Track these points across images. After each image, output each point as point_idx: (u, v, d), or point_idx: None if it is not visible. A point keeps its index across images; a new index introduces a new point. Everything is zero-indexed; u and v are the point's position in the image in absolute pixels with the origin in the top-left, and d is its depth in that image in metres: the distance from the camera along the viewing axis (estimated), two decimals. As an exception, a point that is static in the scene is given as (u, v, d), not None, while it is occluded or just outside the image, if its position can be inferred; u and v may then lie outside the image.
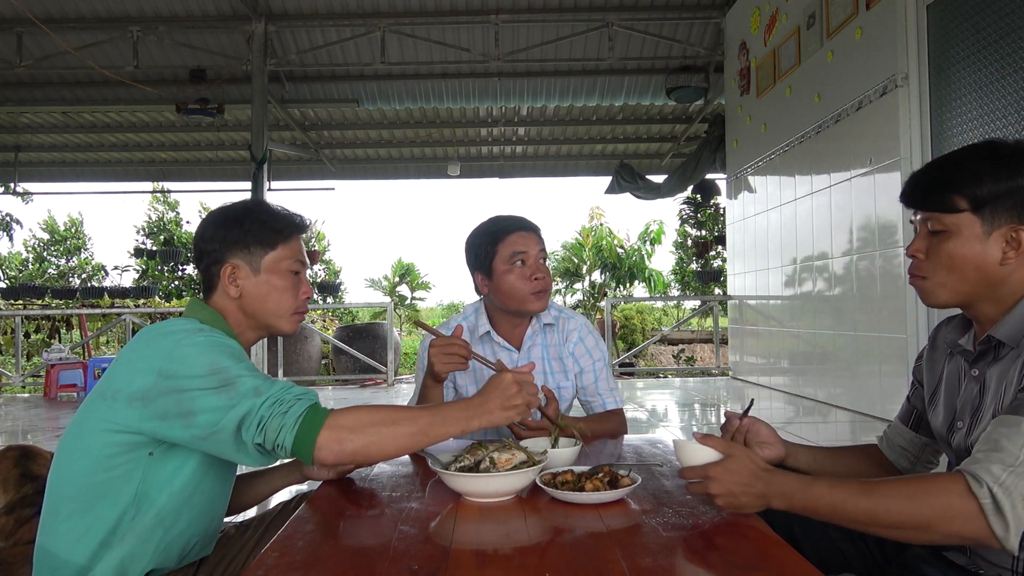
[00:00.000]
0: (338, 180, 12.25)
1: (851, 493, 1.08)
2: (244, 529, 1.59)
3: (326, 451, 1.17)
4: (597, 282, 13.58)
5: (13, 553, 1.47)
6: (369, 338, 9.42)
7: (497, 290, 1.94)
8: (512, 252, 1.90)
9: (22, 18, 7.49)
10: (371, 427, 1.20)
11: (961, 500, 1.01)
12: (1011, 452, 1.01)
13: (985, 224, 1.16)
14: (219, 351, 1.25)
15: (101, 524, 1.26)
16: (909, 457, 1.48)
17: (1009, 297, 1.18)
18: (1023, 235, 1.15)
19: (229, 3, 7.88)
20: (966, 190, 1.16)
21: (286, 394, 1.20)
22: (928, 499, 1.03)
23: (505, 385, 1.32)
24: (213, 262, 1.43)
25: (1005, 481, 1.00)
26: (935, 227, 1.20)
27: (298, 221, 1.49)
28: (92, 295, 11.47)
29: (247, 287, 1.42)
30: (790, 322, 6.35)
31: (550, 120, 10.61)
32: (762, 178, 6.94)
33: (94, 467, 1.26)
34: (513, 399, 1.31)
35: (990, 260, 1.16)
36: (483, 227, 1.99)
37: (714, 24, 8.15)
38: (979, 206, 1.16)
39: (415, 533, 1.14)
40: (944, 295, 1.22)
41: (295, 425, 1.17)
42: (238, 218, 1.44)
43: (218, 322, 1.40)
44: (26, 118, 9.98)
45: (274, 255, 1.44)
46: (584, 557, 1.02)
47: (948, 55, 4.21)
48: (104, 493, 1.26)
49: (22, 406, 7.30)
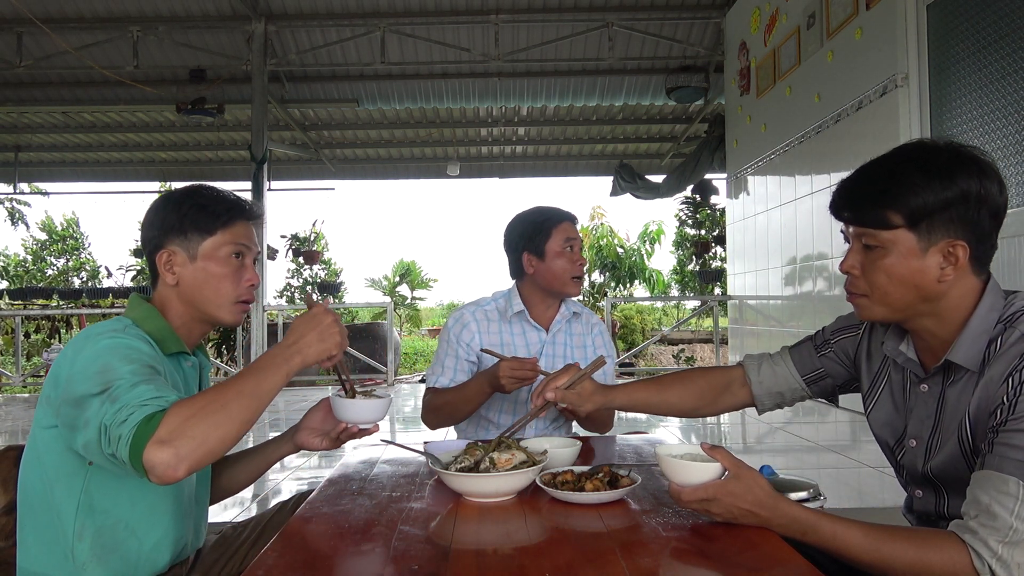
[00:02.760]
0: (338, 180, 12.27)
1: (858, 540, 1.08)
2: (241, 529, 1.59)
3: (161, 469, 1.01)
4: (597, 282, 13.57)
5: (12, 553, 1.47)
6: (369, 338, 9.42)
7: (546, 270, 2.11)
8: (566, 238, 2.12)
9: (22, 18, 7.49)
10: (199, 421, 1.05)
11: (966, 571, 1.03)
12: (1004, 520, 1.02)
13: (921, 240, 1.11)
14: (115, 354, 1.16)
15: (59, 536, 1.23)
16: (778, 402, 1.49)
17: (950, 313, 1.15)
18: (960, 250, 1.11)
19: (229, 3, 7.88)
20: (901, 205, 1.11)
21: (134, 399, 1.07)
22: (933, 563, 1.04)
23: (318, 319, 1.24)
24: (152, 248, 1.37)
25: (1002, 555, 1.01)
26: (869, 243, 1.15)
27: (241, 205, 1.41)
28: (96, 295, 11.48)
29: (184, 275, 1.36)
30: (790, 322, 6.35)
31: (550, 120, 10.61)
32: (762, 178, 6.94)
33: (42, 475, 1.23)
34: (328, 330, 1.23)
35: (928, 277, 1.12)
36: (535, 213, 2.18)
37: (714, 24, 8.15)
38: (915, 222, 1.11)
39: (415, 533, 1.13)
40: (881, 312, 1.19)
41: (129, 439, 1.03)
42: (176, 202, 1.38)
43: (152, 319, 1.33)
44: (26, 118, 9.98)
45: (212, 241, 1.36)
46: (584, 557, 1.02)
47: (948, 55, 4.21)
48: (52, 504, 1.23)
49: (22, 406, 7.31)
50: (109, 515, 1.25)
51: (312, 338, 1.22)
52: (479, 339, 2.10)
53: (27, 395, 8.60)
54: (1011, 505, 1.01)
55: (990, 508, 1.03)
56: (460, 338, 2.11)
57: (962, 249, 1.11)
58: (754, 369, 1.50)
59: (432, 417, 2.11)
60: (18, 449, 1.54)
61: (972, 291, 1.15)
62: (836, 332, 1.43)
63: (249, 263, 1.42)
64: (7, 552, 1.36)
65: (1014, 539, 1.01)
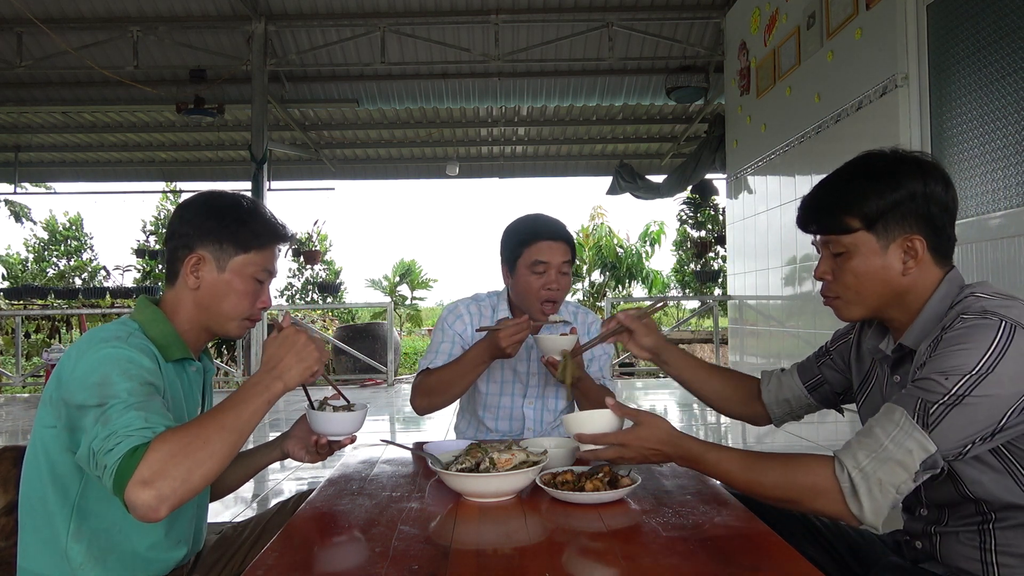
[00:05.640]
0: (338, 180, 12.25)
1: (736, 465, 1.20)
2: (241, 529, 1.59)
3: (142, 511, 1.01)
4: (597, 282, 13.58)
5: (13, 553, 1.47)
6: (369, 338, 9.41)
7: (515, 287, 2.06)
8: (535, 260, 1.98)
9: (22, 18, 7.48)
10: (181, 460, 1.04)
11: (826, 482, 1.11)
12: (878, 439, 1.10)
13: (880, 239, 1.21)
14: (115, 366, 1.16)
15: (55, 536, 1.23)
16: (787, 410, 1.57)
17: (915, 302, 1.23)
18: (917, 243, 1.20)
19: (229, 3, 7.88)
20: (855, 210, 1.21)
21: (123, 427, 1.06)
22: (798, 478, 1.14)
23: (291, 340, 1.22)
24: (181, 246, 1.36)
25: (865, 467, 1.09)
26: (836, 249, 1.25)
27: (281, 231, 1.42)
28: (95, 296, 11.48)
29: (207, 282, 1.35)
30: (789, 322, 6.35)
31: (550, 120, 10.60)
32: (762, 178, 6.94)
33: (41, 475, 1.24)
34: (304, 349, 1.21)
35: (892, 272, 1.21)
36: (519, 225, 2.08)
37: (714, 24, 8.15)
38: (871, 223, 1.20)
39: (415, 533, 1.13)
40: (857, 311, 1.27)
41: (113, 472, 1.03)
42: (220, 211, 1.37)
43: (158, 323, 1.33)
44: (26, 118, 9.97)
45: (245, 258, 1.37)
46: (584, 557, 1.02)
47: (948, 55, 4.21)
48: (48, 504, 1.23)
49: (22, 406, 7.31)
50: (103, 518, 1.25)
51: (290, 361, 1.21)
52: (471, 332, 2.09)
53: (27, 395, 8.60)
54: (890, 429, 1.10)
55: (872, 430, 1.12)
56: (453, 327, 2.11)
57: (919, 242, 1.20)
58: (766, 379, 1.61)
59: (423, 398, 2.01)
60: (17, 449, 1.54)
61: (933, 282, 1.23)
62: (835, 340, 1.53)
63: (267, 286, 1.43)
64: (7, 552, 1.36)
65: (882, 456, 1.08)
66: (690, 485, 1.39)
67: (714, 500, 1.29)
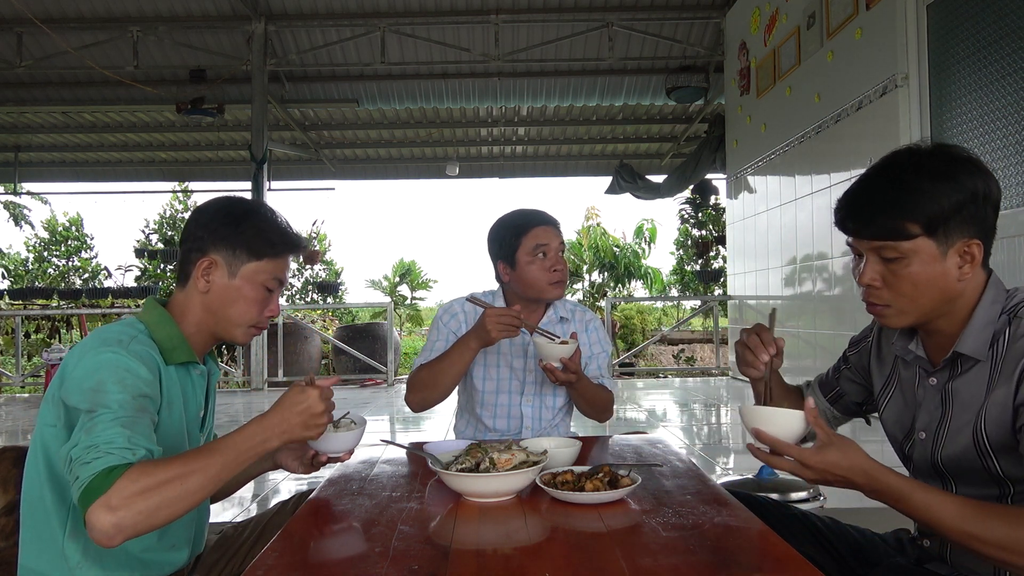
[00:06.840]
0: (338, 180, 12.26)
1: (949, 512, 1.06)
2: (242, 529, 1.59)
3: (97, 535, 1.00)
4: (596, 282, 13.57)
5: (13, 553, 1.47)
6: (369, 338, 9.41)
7: (519, 279, 2.06)
8: (535, 245, 2.02)
9: (22, 18, 7.49)
10: (151, 496, 1.02)
11: None
12: None
13: (940, 244, 1.14)
14: (112, 374, 1.16)
15: (53, 535, 1.23)
16: None
17: (963, 309, 1.18)
18: (975, 248, 1.15)
19: (229, 3, 7.88)
20: (918, 214, 1.13)
21: (104, 442, 1.06)
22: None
23: (310, 402, 1.21)
24: (195, 249, 1.36)
25: None
26: (890, 255, 1.17)
27: (295, 242, 1.43)
28: (96, 296, 11.47)
29: (217, 286, 1.36)
30: (790, 322, 6.35)
31: (550, 120, 10.60)
32: (762, 178, 6.94)
33: (40, 474, 1.24)
34: (315, 420, 1.21)
35: (950, 279, 1.16)
36: (508, 219, 2.11)
37: (714, 24, 8.15)
38: (933, 229, 1.13)
39: (415, 533, 1.13)
40: (908, 319, 1.21)
41: (82, 486, 1.02)
42: (236, 217, 1.37)
43: (164, 325, 1.33)
44: (26, 118, 9.98)
45: (257, 266, 1.37)
46: (584, 557, 1.02)
47: (948, 55, 4.21)
48: (45, 502, 1.24)
49: (22, 406, 7.31)
50: None
51: (296, 424, 1.20)
52: (465, 329, 2.08)
53: (27, 395, 8.60)
54: None
55: None
56: (448, 325, 2.12)
57: (977, 247, 1.15)
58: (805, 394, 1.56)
59: (416, 393, 2.04)
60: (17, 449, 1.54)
61: (979, 286, 1.19)
62: (852, 346, 1.48)
63: (277, 295, 1.43)
64: (7, 552, 1.36)
65: None
66: (690, 485, 1.39)
67: (714, 500, 1.28)
